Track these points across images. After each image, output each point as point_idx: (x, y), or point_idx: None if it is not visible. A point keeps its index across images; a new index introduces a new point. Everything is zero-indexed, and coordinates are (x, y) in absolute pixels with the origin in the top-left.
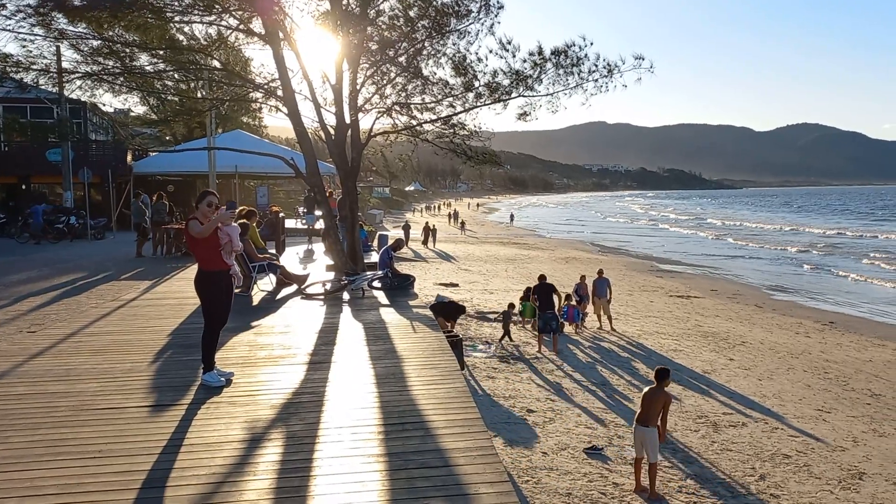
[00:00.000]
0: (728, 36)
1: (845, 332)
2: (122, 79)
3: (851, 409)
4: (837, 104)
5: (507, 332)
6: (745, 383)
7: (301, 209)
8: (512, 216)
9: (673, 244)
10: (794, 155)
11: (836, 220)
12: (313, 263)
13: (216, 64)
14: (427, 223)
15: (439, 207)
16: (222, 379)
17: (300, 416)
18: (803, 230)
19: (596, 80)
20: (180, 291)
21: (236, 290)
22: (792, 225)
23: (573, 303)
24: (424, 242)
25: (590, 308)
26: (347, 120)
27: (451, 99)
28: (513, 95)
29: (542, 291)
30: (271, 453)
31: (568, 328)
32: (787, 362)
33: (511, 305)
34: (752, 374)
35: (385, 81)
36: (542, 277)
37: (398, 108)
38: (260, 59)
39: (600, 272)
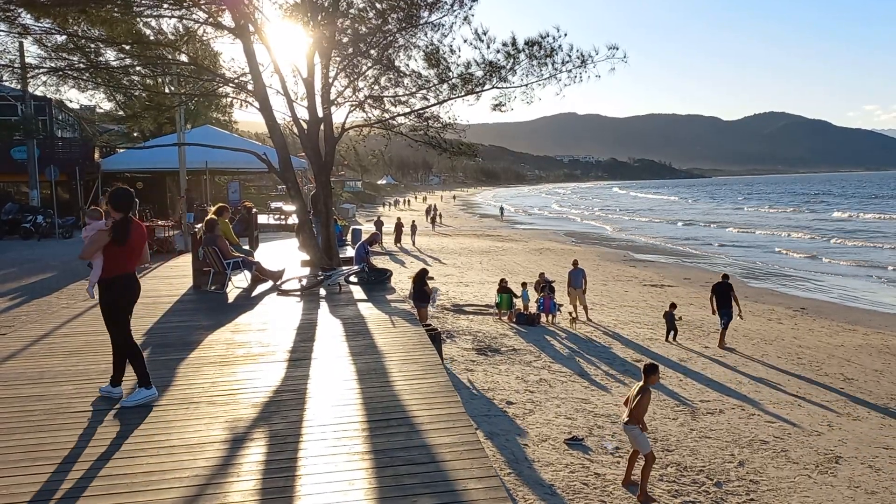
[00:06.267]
0: (696, 27)
1: (816, 317)
2: (87, 74)
3: (825, 393)
4: (803, 93)
5: (672, 330)
6: (721, 370)
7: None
8: (502, 210)
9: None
10: (761, 144)
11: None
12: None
13: (184, 58)
14: (399, 219)
15: (409, 202)
16: (113, 392)
17: (282, 414)
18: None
19: (570, 71)
20: (153, 290)
21: (211, 288)
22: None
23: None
24: (397, 241)
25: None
26: (320, 114)
27: (424, 91)
28: (486, 87)
29: (720, 290)
30: (254, 453)
31: (544, 319)
32: (760, 349)
33: (673, 305)
34: (728, 360)
35: (357, 74)
36: (724, 276)
37: (371, 102)
38: (230, 52)
39: (575, 263)
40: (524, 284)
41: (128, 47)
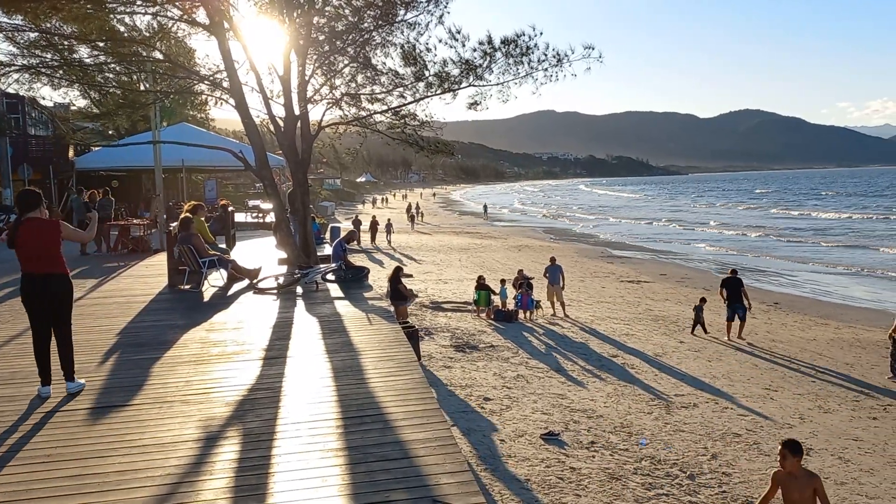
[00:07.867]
0: (672, 24)
1: (789, 311)
2: (61, 72)
3: (797, 387)
4: (778, 90)
5: (699, 324)
6: (696, 365)
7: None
8: (486, 207)
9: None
10: (737, 141)
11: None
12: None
13: (159, 56)
14: (374, 217)
15: (386, 200)
16: (75, 386)
17: (256, 412)
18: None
19: (546, 70)
20: (128, 289)
21: (186, 287)
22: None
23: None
24: (372, 240)
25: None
26: (297, 111)
27: (401, 89)
28: (463, 85)
29: (731, 285)
30: (228, 452)
31: (522, 315)
32: (734, 343)
33: (703, 300)
34: (702, 355)
35: (334, 72)
36: (733, 272)
37: (348, 100)
38: (205, 49)
39: (553, 259)
40: (503, 281)
41: (101, 44)
